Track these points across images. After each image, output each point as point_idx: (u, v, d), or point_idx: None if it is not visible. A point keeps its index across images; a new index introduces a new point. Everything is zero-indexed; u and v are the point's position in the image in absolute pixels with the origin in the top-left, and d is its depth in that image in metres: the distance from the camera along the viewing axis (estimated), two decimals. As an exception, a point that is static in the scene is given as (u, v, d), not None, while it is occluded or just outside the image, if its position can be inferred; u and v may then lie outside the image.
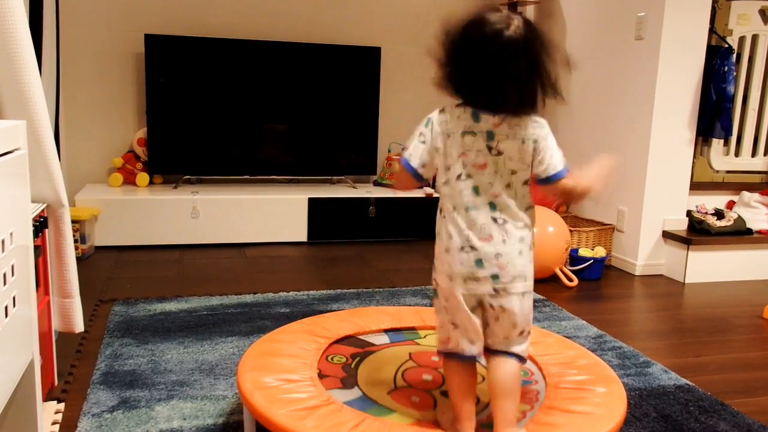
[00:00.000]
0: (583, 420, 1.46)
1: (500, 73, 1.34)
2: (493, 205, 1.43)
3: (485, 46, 1.34)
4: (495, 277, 1.43)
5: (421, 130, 1.45)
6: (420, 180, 1.48)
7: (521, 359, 1.47)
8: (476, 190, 1.42)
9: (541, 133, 1.43)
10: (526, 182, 1.47)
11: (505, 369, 1.45)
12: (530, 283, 1.50)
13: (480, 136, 1.41)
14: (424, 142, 1.44)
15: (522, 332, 1.48)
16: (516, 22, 1.34)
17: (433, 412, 1.58)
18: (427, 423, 1.49)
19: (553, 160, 1.46)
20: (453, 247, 1.42)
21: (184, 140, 3.90)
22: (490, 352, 1.48)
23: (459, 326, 1.46)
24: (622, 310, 2.91)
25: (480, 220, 1.42)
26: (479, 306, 1.45)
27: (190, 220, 3.65)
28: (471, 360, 1.47)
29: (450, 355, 1.49)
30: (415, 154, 1.45)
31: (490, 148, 1.41)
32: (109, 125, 3.98)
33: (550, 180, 1.47)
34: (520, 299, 1.48)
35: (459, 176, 1.42)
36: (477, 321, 1.44)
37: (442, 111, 1.45)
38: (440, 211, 1.47)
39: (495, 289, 1.44)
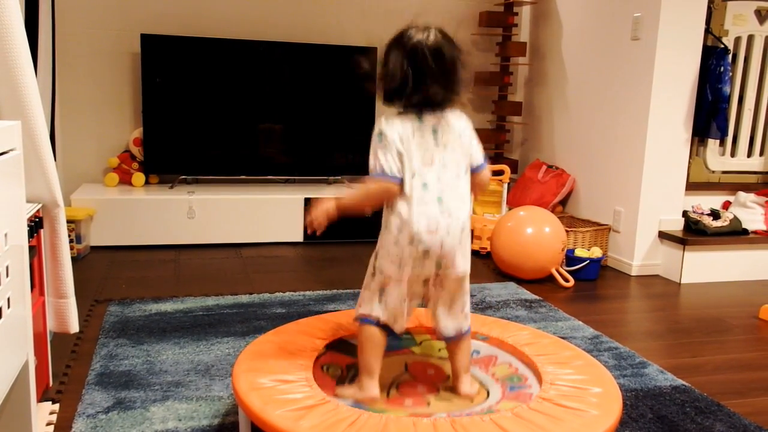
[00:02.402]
0: (578, 421, 1.46)
1: (431, 73, 1.57)
2: (440, 200, 1.58)
3: (412, 53, 1.57)
4: (438, 265, 1.61)
5: (378, 145, 1.61)
6: (399, 183, 1.61)
7: (468, 332, 1.74)
8: (425, 186, 1.58)
9: (468, 125, 1.66)
10: (466, 171, 1.65)
11: (459, 347, 1.72)
12: (465, 269, 1.66)
13: (427, 133, 1.60)
14: (387, 151, 1.59)
15: (463, 309, 1.71)
16: (433, 31, 1.61)
17: (427, 408, 1.59)
18: (423, 415, 1.49)
19: (479, 150, 1.69)
20: (402, 240, 1.58)
21: (181, 140, 3.90)
22: (446, 340, 1.73)
23: (389, 308, 1.65)
24: (619, 310, 2.91)
25: (428, 214, 1.56)
26: (424, 284, 1.65)
27: (186, 220, 3.64)
28: (385, 329, 1.68)
29: (367, 321, 1.68)
30: (388, 163, 1.59)
31: (436, 144, 1.60)
32: (105, 125, 3.97)
33: (478, 169, 1.68)
34: (459, 282, 1.67)
35: (413, 174, 1.58)
36: (407, 307, 1.66)
37: (387, 120, 1.62)
38: (387, 205, 1.62)
39: (437, 274, 1.63)
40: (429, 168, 1.58)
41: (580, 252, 3.32)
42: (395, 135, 1.59)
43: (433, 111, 1.61)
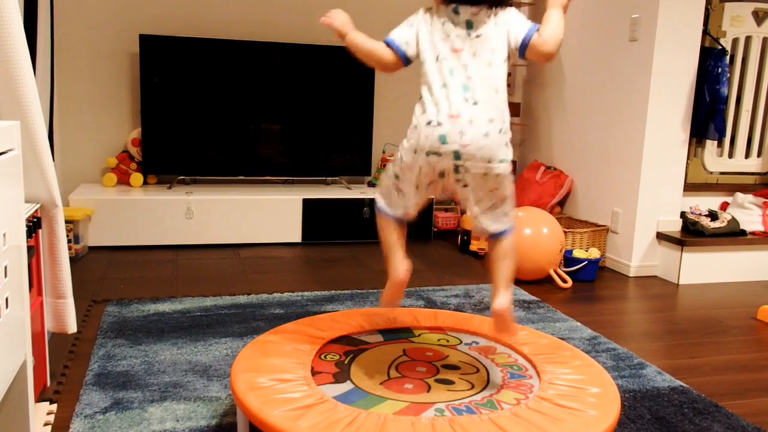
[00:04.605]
0: (577, 421, 1.46)
1: None
2: (465, 87, 1.55)
3: None
4: (456, 155, 1.54)
5: (409, 19, 1.66)
6: (402, 57, 1.65)
7: (510, 231, 1.67)
8: (451, 71, 1.56)
9: (512, 14, 1.64)
10: (507, 59, 1.61)
11: (501, 244, 1.66)
12: (495, 166, 1.56)
13: (460, 24, 1.59)
14: (410, 26, 1.64)
15: (505, 213, 1.64)
16: None
17: (427, 395, 1.59)
18: (421, 407, 1.49)
19: (523, 24, 1.64)
20: (421, 123, 1.56)
21: (179, 141, 3.90)
22: (489, 237, 1.67)
23: (404, 194, 1.66)
24: (617, 311, 2.91)
25: (450, 98, 1.54)
26: (441, 177, 1.60)
27: (184, 221, 3.64)
28: (403, 219, 1.70)
29: (382, 213, 1.71)
30: (398, 34, 1.65)
31: (468, 34, 1.58)
32: (104, 125, 3.97)
33: (526, 40, 1.61)
34: (489, 180, 1.58)
35: (437, 58, 1.58)
36: (420, 196, 1.65)
37: (427, 9, 1.64)
38: (420, 97, 1.60)
39: (456, 167, 1.56)
40: (456, 55, 1.57)
41: (578, 253, 3.33)
42: (423, 18, 1.63)
43: (474, 5, 1.59)
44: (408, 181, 1.64)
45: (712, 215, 3.47)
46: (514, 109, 4.40)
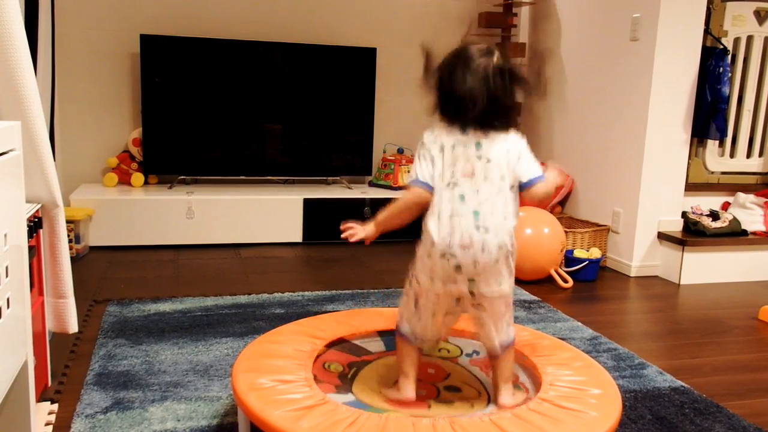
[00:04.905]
0: (577, 422, 1.46)
1: (488, 96, 1.54)
2: (477, 213, 1.53)
3: (476, 74, 1.54)
4: (471, 281, 1.55)
5: (420, 152, 1.60)
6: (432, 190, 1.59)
7: (511, 345, 1.67)
8: (462, 198, 1.54)
9: (522, 144, 1.62)
10: (512, 187, 1.59)
11: (505, 358, 1.66)
12: (504, 288, 1.60)
13: (469, 146, 1.56)
14: (426, 160, 1.58)
15: (501, 326, 1.64)
16: (497, 54, 1.57)
17: (428, 411, 1.59)
18: (423, 417, 1.49)
19: (533, 165, 1.62)
20: (435, 254, 1.54)
21: (180, 140, 3.90)
22: (490, 356, 1.68)
23: (422, 321, 1.64)
24: (618, 311, 2.91)
25: (462, 227, 1.52)
26: (457, 302, 1.60)
27: (185, 221, 3.64)
28: (416, 343, 1.68)
29: (403, 336, 1.68)
30: (422, 170, 1.58)
31: (479, 157, 1.55)
32: (105, 125, 3.97)
33: (531, 182, 1.60)
34: (495, 302, 1.60)
35: (448, 185, 1.55)
36: (441, 322, 1.64)
37: (431, 129, 1.61)
38: (426, 218, 1.58)
39: (471, 292, 1.57)
40: (468, 179, 1.54)
41: (579, 253, 3.32)
42: (433, 143, 1.58)
43: (482, 129, 1.57)
44: (426, 308, 1.62)
45: (714, 215, 3.47)
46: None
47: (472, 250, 1.52)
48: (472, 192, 1.54)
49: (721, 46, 3.41)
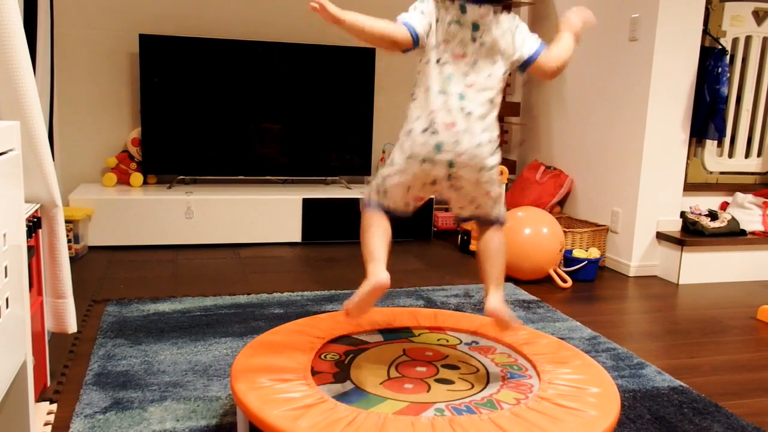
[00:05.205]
0: (576, 421, 1.46)
1: None
2: (462, 96, 1.52)
3: None
4: (450, 164, 1.54)
5: (419, 5, 1.57)
6: (415, 42, 1.56)
7: (500, 222, 1.67)
8: (450, 77, 1.52)
9: (518, 24, 1.59)
10: (505, 72, 1.58)
11: (488, 235, 1.67)
12: (486, 173, 1.57)
13: (465, 26, 1.53)
14: (423, 14, 1.56)
15: (482, 204, 1.64)
16: None
17: (427, 394, 1.59)
18: (421, 406, 1.49)
19: (531, 41, 1.60)
20: (416, 129, 1.54)
21: (179, 140, 3.90)
22: (478, 223, 1.68)
23: (390, 196, 1.65)
24: (616, 311, 2.91)
25: (447, 106, 1.51)
26: (433, 185, 1.60)
27: (184, 221, 3.64)
28: (388, 213, 1.69)
29: (371, 206, 1.69)
30: (416, 20, 1.55)
31: (474, 39, 1.53)
32: (104, 125, 3.97)
33: (532, 59, 1.59)
34: (476, 184, 1.59)
35: (438, 61, 1.54)
36: (409, 198, 1.65)
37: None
38: (412, 94, 1.57)
39: (449, 175, 1.56)
40: (458, 61, 1.53)
41: (578, 253, 3.33)
42: (432, 8, 1.56)
43: (482, 4, 1.53)
44: (399, 184, 1.63)
45: (712, 215, 3.48)
46: (514, 108, 4.40)
47: (455, 130, 1.52)
48: (459, 74, 1.53)
49: (720, 47, 3.41)
